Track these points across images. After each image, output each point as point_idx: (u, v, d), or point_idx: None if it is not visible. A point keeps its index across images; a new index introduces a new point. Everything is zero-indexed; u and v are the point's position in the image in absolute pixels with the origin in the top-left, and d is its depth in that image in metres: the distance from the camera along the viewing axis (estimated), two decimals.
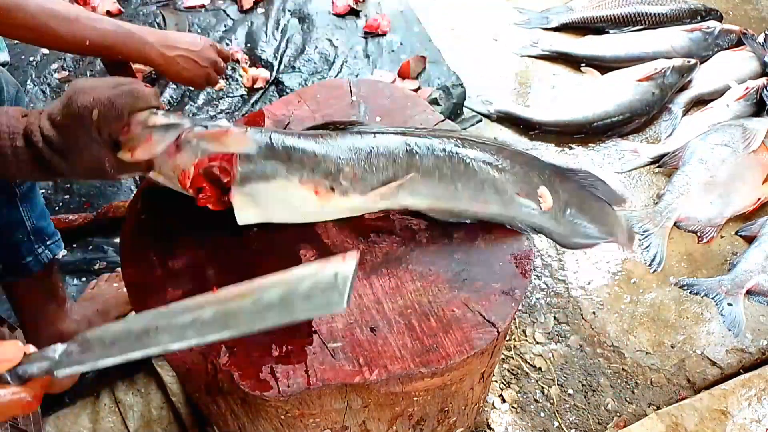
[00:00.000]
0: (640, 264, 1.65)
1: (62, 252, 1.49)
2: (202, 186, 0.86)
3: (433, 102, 1.81)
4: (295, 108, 1.15)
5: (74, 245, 1.54)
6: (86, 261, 1.53)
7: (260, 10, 2.11)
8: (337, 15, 2.08)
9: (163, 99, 1.85)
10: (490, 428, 1.36)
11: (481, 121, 1.96)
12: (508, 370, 1.45)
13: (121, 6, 2.08)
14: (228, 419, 0.97)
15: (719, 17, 2.25)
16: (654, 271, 1.63)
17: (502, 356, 1.46)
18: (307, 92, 1.18)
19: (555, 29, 2.29)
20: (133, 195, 1.12)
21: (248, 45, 2.01)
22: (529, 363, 1.47)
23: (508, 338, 1.49)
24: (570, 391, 1.43)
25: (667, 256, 1.65)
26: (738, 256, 1.65)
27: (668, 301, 1.58)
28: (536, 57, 2.20)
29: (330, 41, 2.01)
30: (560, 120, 1.93)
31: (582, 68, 2.15)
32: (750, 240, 1.69)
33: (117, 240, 1.54)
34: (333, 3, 2.09)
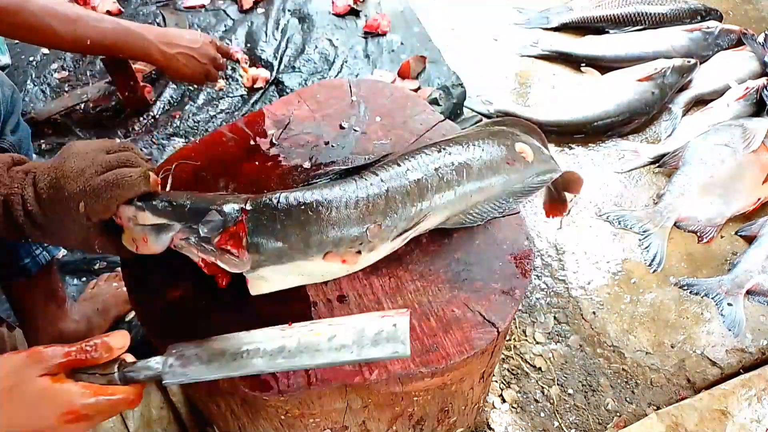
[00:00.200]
0: (640, 264, 1.65)
1: (62, 252, 1.49)
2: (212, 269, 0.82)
3: (433, 102, 1.81)
4: (295, 108, 1.15)
5: None
6: (86, 261, 1.53)
7: (260, 10, 2.11)
8: (337, 15, 2.08)
9: (163, 99, 1.84)
10: (490, 428, 1.36)
11: (481, 121, 1.96)
12: (508, 370, 1.45)
13: (121, 6, 2.08)
14: (228, 419, 0.97)
15: (719, 17, 2.25)
16: (654, 271, 1.63)
17: (502, 356, 1.46)
18: (307, 92, 1.18)
19: (555, 29, 2.29)
20: None
21: (248, 45, 2.01)
22: (529, 363, 1.47)
23: (508, 338, 1.49)
24: (570, 391, 1.43)
25: (667, 256, 1.65)
26: (738, 256, 1.65)
27: (668, 301, 1.58)
28: (536, 57, 2.20)
29: (330, 41, 2.00)
30: (560, 120, 1.93)
31: (582, 68, 2.15)
32: (750, 240, 1.68)
33: None
34: (333, 3, 2.09)
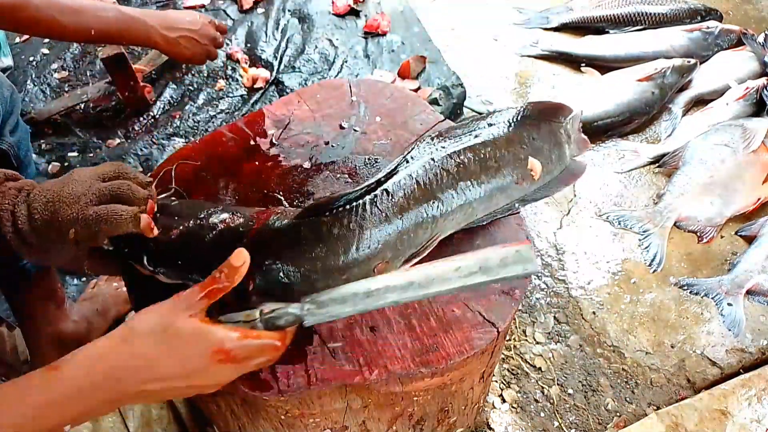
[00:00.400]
0: (640, 264, 1.65)
1: None
2: None
3: (433, 102, 1.81)
4: (295, 108, 1.15)
5: None
6: None
7: (260, 10, 2.11)
8: (337, 15, 2.08)
9: (163, 99, 1.85)
10: (490, 428, 1.36)
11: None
12: (508, 370, 1.45)
13: (121, 5, 2.08)
14: (228, 419, 0.97)
15: (719, 17, 2.25)
16: (654, 271, 1.63)
17: (502, 356, 1.46)
18: (307, 92, 1.18)
19: (555, 29, 2.29)
20: None
21: (248, 45, 2.01)
22: (529, 363, 1.47)
23: (508, 338, 1.49)
24: (570, 391, 1.43)
25: (667, 256, 1.65)
26: (738, 256, 1.65)
27: (668, 301, 1.58)
28: (536, 57, 2.20)
29: (330, 41, 2.00)
30: None
31: (582, 68, 2.15)
32: (750, 240, 1.68)
33: None
34: (333, 3, 2.09)
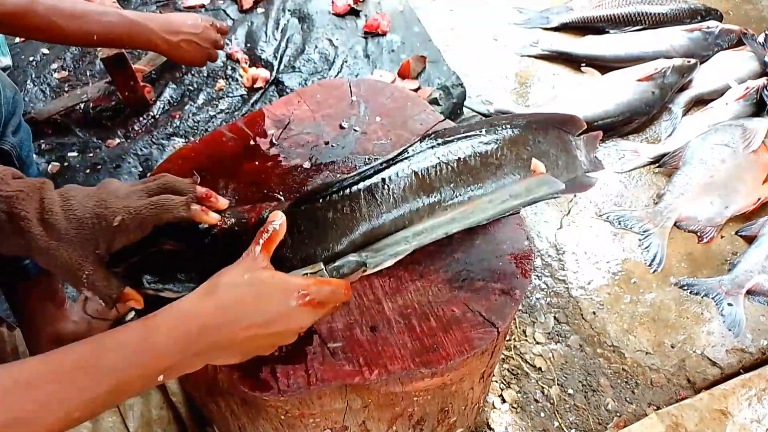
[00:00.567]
0: (640, 264, 1.65)
1: None
2: None
3: (433, 102, 1.81)
4: (295, 108, 1.15)
5: None
6: None
7: (260, 10, 2.11)
8: (337, 15, 2.08)
9: (163, 99, 1.84)
10: (490, 428, 1.36)
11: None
12: (508, 370, 1.45)
13: (121, 6, 2.08)
14: (228, 419, 0.97)
15: (719, 17, 2.25)
16: (654, 271, 1.63)
17: (502, 356, 1.46)
18: (307, 92, 1.18)
19: (555, 29, 2.29)
20: None
21: (248, 45, 2.01)
22: (529, 363, 1.47)
23: (508, 338, 1.49)
24: (570, 391, 1.43)
25: (667, 256, 1.65)
26: (738, 256, 1.65)
27: (668, 301, 1.58)
28: (536, 57, 2.20)
29: (330, 41, 2.00)
30: None
31: (582, 68, 2.15)
32: (750, 240, 1.68)
33: None
34: (333, 3, 2.09)
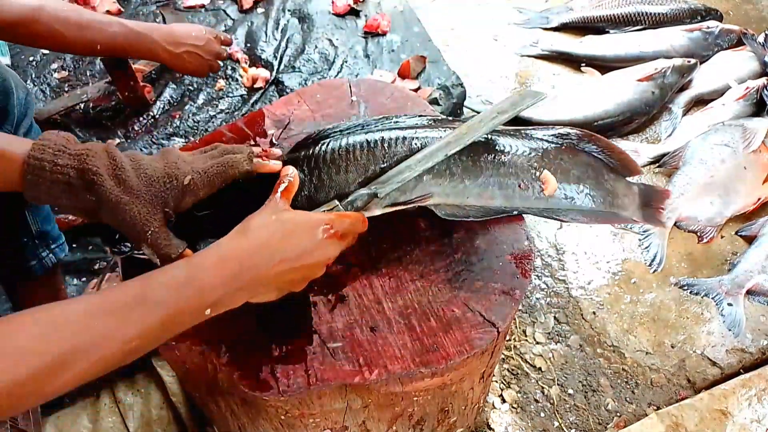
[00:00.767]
0: (640, 264, 1.65)
1: (64, 253, 1.49)
2: None
3: (433, 102, 1.81)
4: (295, 108, 1.15)
5: (74, 245, 1.54)
6: (86, 261, 1.53)
7: (260, 10, 2.11)
8: (337, 15, 2.08)
9: (163, 99, 1.85)
10: (490, 428, 1.36)
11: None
12: (508, 370, 1.45)
13: (121, 6, 2.08)
14: (228, 419, 0.97)
15: (719, 17, 2.25)
16: (654, 271, 1.63)
17: (502, 356, 1.46)
18: (307, 92, 1.18)
19: (555, 29, 2.29)
20: None
21: (248, 45, 2.00)
22: (529, 363, 1.47)
23: (508, 338, 1.49)
24: (570, 391, 1.43)
25: (667, 256, 1.65)
26: (738, 256, 1.65)
27: (668, 301, 1.58)
28: (536, 57, 2.20)
29: (330, 41, 2.00)
30: (560, 120, 1.92)
31: (582, 68, 2.15)
32: (750, 240, 1.68)
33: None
34: (333, 3, 2.09)
